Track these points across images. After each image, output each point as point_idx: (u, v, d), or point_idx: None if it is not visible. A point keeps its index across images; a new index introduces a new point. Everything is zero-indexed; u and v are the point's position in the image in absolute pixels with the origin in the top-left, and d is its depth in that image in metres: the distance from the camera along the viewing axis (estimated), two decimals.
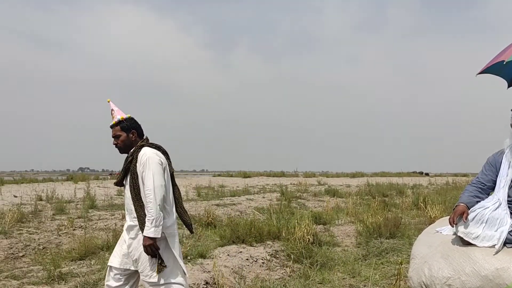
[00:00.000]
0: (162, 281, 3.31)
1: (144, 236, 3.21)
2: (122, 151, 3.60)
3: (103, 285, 4.41)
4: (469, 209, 3.32)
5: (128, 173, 3.42)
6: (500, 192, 3.38)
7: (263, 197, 14.87)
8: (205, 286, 4.77)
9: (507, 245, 3.17)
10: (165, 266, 3.29)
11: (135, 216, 3.31)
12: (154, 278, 3.27)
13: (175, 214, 3.47)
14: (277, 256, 6.08)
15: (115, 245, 6.36)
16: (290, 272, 5.55)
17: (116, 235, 6.70)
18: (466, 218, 3.26)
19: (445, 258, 3.30)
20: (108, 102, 3.68)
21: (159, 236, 3.24)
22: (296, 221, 6.66)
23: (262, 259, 5.83)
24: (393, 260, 5.90)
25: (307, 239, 6.33)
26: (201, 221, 9.01)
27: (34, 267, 5.69)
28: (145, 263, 3.27)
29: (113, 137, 3.63)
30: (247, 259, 5.71)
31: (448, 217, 3.47)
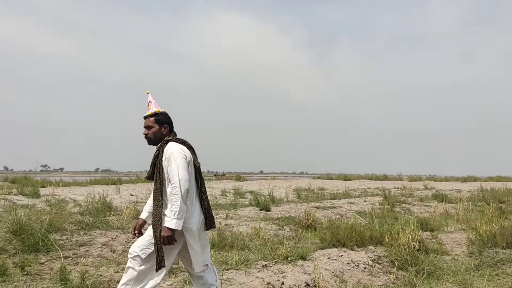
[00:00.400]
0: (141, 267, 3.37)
1: (165, 227, 3.26)
2: (151, 142, 3.64)
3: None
4: None
5: (155, 167, 3.49)
6: None
7: (365, 201, 14.48)
8: None
9: None
10: (164, 266, 3.31)
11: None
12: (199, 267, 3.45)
13: (198, 210, 3.50)
14: (380, 262, 5.89)
15: (220, 243, 6.68)
16: (394, 279, 5.34)
17: (220, 234, 6.99)
18: None
19: None
20: (148, 93, 3.74)
21: (180, 228, 3.27)
22: (400, 226, 6.38)
23: (364, 264, 5.68)
24: (510, 272, 5.39)
25: (413, 246, 6.04)
26: (301, 223, 9.05)
27: None
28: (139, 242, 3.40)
29: (145, 127, 3.67)
30: (348, 263, 5.61)
31: None
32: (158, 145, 3.60)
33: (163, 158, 3.45)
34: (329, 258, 5.75)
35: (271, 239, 7.28)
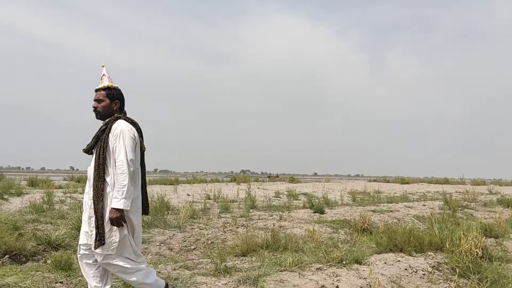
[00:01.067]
0: (112, 253, 3.30)
1: (112, 209, 3.18)
2: (99, 116, 3.54)
3: (263, 281, 4.68)
4: None
5: (99, 141, 3.40)
6: None
7: (424, 205, 13.98)
8: None
9: None
10: (104, 243, 3.25)
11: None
12: (105, 250, 3.28)
13: (139, 193, 3.44)
14: (440, 268, 5.66)
15: (273, 245, 6.70)
16: (455, 287, 5.12)
17: (274, 235, 7.01)
18: None
19: None
20: (103, 66, 3.65)
21: (128, 208, 3.22)
22: (462, 232, 6.10)
23: (422, 270, 5.49)
24: None
25: (475, 253, 5.75)
26: (356, 226, 8.89)
27: (203, 260, 6.29)
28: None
29: (95, 100, 3.56)
30: (406, 269, 5.44)
31: None
32: (106, 120, 3.53)
33: (110, 134, 3.38)
34: (385, 263, 5.61)
35: (325, 242, 7.21)
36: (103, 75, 3.61)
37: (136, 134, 3.45)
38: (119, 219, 3.19)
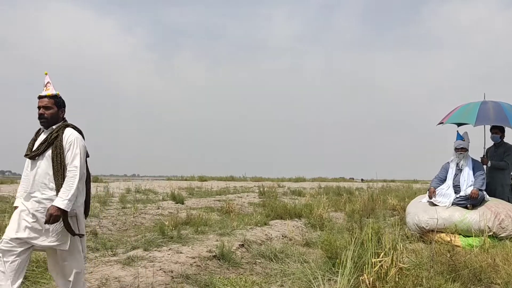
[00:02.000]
0: (72, 248, 3.62)
1: (54, 206, 3.38)
2: (45, 123, 3.67)
3: (233, 234, 7.55)
4: (435, 190, 7.19)
5: (50, 147, 3.57)
6: (449, 181, 7.29)
7: (247, 195, 18.12)
8: None
9: (453, 205, 7.06)
10: (83, 235, 3.67)
11: (52, 188, 3.53)
12: (65, 246, 3.55)
13: (83, 196, 3.69)
14: (306, 226, 9.54)
15: (191, 222, 9.43)
16: (317, 234, 9.03)
17: (188, 216, 9.72)
18: (435, 194, 7.14)
19: (425, 211, 7.18)
20: (46, 74, 3.75)
21: (69, 210, 3.44)
22: (314, 206, 10.20)
23: (299, 227, 9.25)
24: None
25: (322, 217, 9.86)
26: (224, 210, 12.18)
27: (147, 234, 8.62)
28: (58, 232, 3.50)
29: (42, 107, 3.65)
30: (293, 226, 9.10)
31: (421, 195, 7.36)
32: (54, 127, 3.69)
33: (64, 141, 3.58)
34: (279, 224, 9.19)
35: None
36: (48, 82, 3.71)
37: (84, 142, 3.73)
38: (58, 217, 3.39)
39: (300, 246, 7.41)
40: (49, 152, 3.58)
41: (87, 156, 3.78)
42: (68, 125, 3.73)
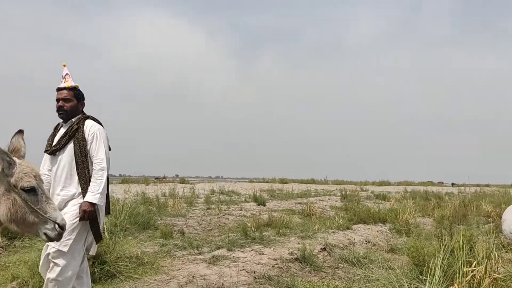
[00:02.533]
0: (73, 250, 3.24)
1: (86, 202, 3.21)
2: (65, 116, 3.51)
3: (315, 237, 7.51)
4: None
5: (72, 140, 3.41)
6: None
7: (329, 199, 17.94)
8: None
9: None
10: (102, 239, 3.43)
11: (76, 183, 3.35)
12: (65, 247, 3.18)
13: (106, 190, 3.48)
14: (392, 231, 9.22)
15: (272, 224, 9.52)
16: (404, 240, 8.67)
17: (270, 217, 9.82)
18: None
19: None
20: (64, 65, 3.60)
21: (102, 204, 3.32)
22: (400, 210, 9.81)
23: (384, 232, 8.97)
24: None
25: (408, 222, 9.46)
26: (305, 213, 12.15)
27: (231, 234, 8.84)
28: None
29: (62, 99, 3.49)
30: (377, 231, 8.85)
31: None
32: (74, 120, 3.53)
33: (86, 134, 3.42)
34: (362, 229, 8.97)
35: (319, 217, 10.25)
36: (67, 74, 3.57)
37: (106, 133, 3.56)
38: (92, 213, 3.24)
39: (384, 252, 7.18)
40: (70, 145, 3.41)
41: (109, 149, 3.59)
42: (88, 117, 3.58)
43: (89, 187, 3.29)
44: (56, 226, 2.44)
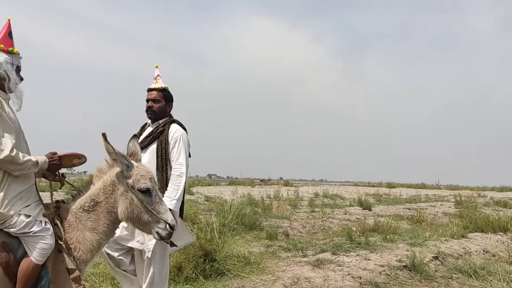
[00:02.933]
0: (157, 255, 3.33)
1: None
2: (153, 116, 3.56)
3: (425, 244, 7.03)
4: None
5: (155, 141, 3.45)
6: None
7: (441, 205, 16.86)
8: None
9: None
10: (176, 246, 3.43)
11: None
12: (149, 253, 3.31)
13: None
14: None
15: (379, 229, 9.18)
16: None
17: (376, 222, 9.49)
18: None
19: None
20: (156, 67, 3.67)
21: (177, 210, 3.36)
22: None
23: (505, 242, 8.18)
24: None
25: None
26: (414, 219, 11.54)
27: (335, 238, 8.69)
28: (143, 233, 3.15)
29: (151, 99, 3.55)
30: (497, 241, 8.11)
31: None
32: (160, 122, 3.57)
33: (169, 137, 3.45)
34: (480, 238, 8.28)
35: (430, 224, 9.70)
36: (158, 75, 3.63)
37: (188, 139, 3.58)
38: None
39: (506, 263, 6.54)
40: (153, 146, 3.45)
41: (189, 155, 3.59)
42: (174, 121, 3.59)
43: (166, 192, 3.32)
44: (167, 226, 2.61)
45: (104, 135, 2.57)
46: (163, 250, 3.41)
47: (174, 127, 3.51)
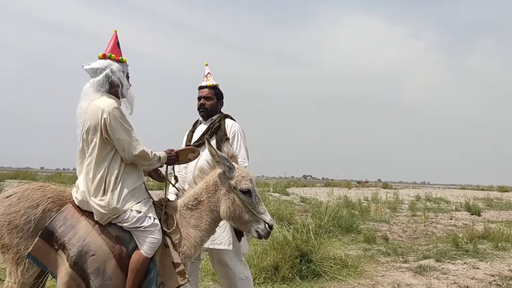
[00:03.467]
0: (234, 249, 3.35)
1: None
2: (206, 114, 3.61)
3: None
4: None
5: (214, 137, 3.48)
6: None
7: None
8: None
9: None
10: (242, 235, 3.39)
11: None
12: (229, 246, 3.32)
13: None
14: None
15: (489, 236, 8.44)
16: None
17: (486, 229, 8.73)
18: None
19: None
20: (206, 65, 3.70)
21: None
22: None
23: None
24: None
25: None
26: None
27: (440, 245, 8.17)
28: (219, 232, 3.22)
29: (203, 97, 3.60)
30: None
31: None
32: (214, 118, 3.62)
33: (227, 131, 3.49)
34: None
35: None
36: (208, 73, 3.67)
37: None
38: None
39: None
40: (213, 142, 3.43)
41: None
42: (227, 116, 3.65)
43: None
44: (266, 225, 2.69)
45: (207, 139, 2.77)
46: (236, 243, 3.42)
47: (229, 122, 3.56)
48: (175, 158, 2.87)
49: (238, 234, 3.32)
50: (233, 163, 2.79)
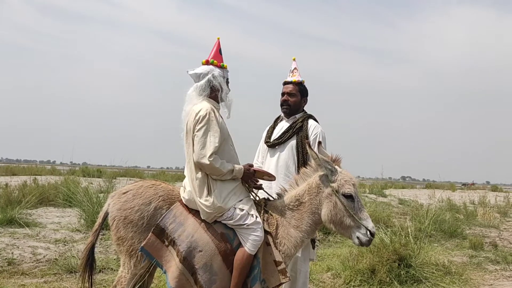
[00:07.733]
0: (301, 256, 3.35)
1: None
2: (288, 111, 3.52)
3: None
4: None
5: (294, 137, 3.42)
6: None
7: None
8: None
9: None
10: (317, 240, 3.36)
11: (291, 184, 3.11)
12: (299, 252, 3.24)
13: None
14: None
15: None
16: None
17: None
18: None
19: None
20: (294, 60, 3.59)
21: None
22: None
23: None
24: None
25: None
26: None
27: None
28: None
29: (287, 93, 3.51)
30: None
31: None
32: (297, 116, 3.53)
33: (308, 132, 3.41)
34: None
35: None
36: (295, 68, 3.58)
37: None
38: None
39: None
40: (293, 142, 3.42)
41: None
42: (310, 116, 3.55)
43: None
44: (368, 232, 2.65)
45: (308, 143, 2.82)
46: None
47: (312, 123, 3.46)
48: (251, 175, 2.89)
49: (312, 241, 3.31)
50: (336, 167, 2.79)
